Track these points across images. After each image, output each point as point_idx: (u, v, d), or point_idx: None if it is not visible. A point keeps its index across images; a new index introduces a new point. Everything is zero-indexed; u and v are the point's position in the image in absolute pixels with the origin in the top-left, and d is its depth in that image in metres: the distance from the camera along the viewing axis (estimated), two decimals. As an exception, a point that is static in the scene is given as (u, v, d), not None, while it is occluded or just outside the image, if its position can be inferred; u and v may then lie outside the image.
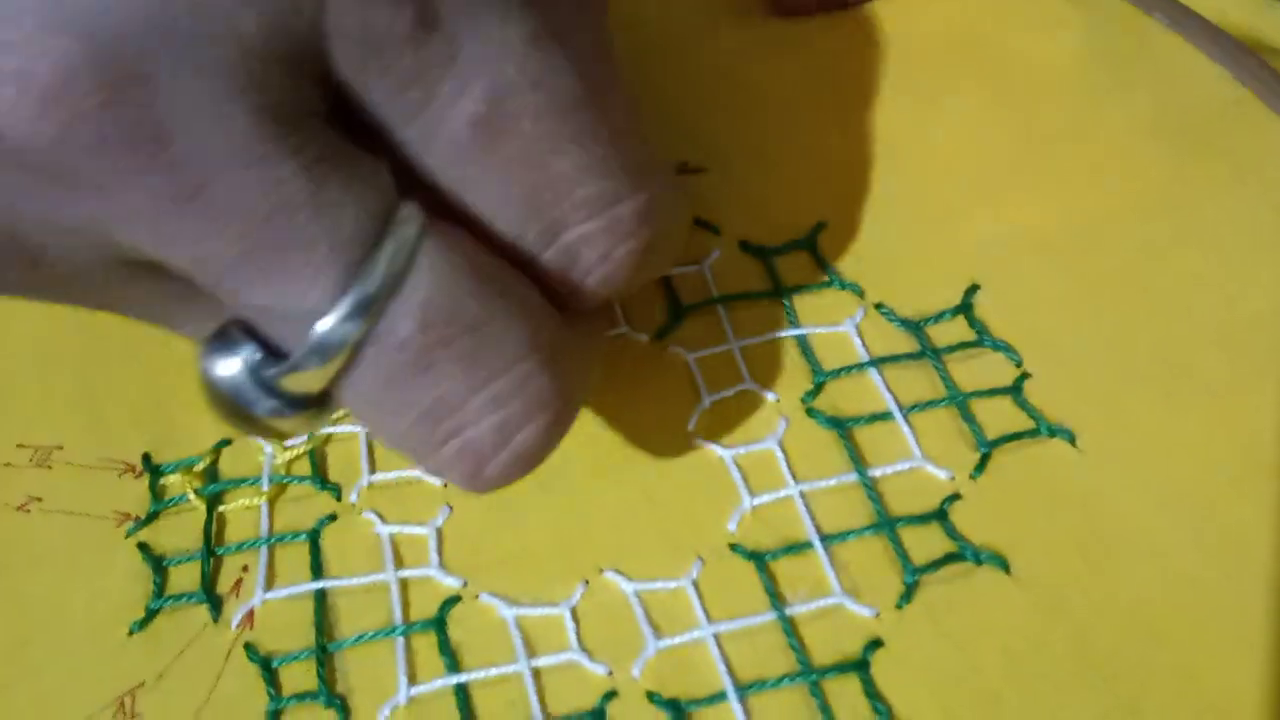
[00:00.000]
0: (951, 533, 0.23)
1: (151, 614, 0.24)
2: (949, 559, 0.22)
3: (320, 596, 0.24)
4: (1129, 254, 0.26)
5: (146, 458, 0.26)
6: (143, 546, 0.25)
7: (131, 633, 0.24)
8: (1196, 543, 0.22)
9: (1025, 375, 0.25)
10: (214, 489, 0.26)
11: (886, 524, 0.23)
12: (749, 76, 0.31)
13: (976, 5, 0.32)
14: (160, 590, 0.24)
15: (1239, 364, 0.24)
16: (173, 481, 0.26)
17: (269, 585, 0.24)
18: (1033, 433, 0.24)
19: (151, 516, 0.25)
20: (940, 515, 0.23)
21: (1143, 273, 0.26)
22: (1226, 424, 0.24)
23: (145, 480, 0.26)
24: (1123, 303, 0.26)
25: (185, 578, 0.25)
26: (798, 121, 0.30)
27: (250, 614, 0.24)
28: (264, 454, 0.26)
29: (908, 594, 0.22)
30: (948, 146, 0.29)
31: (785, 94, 0.30)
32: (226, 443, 0.26)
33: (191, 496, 0.25)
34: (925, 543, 0.23)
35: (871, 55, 0.31)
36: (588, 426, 0.25)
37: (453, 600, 0.23)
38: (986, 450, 0.24)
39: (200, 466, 0.26)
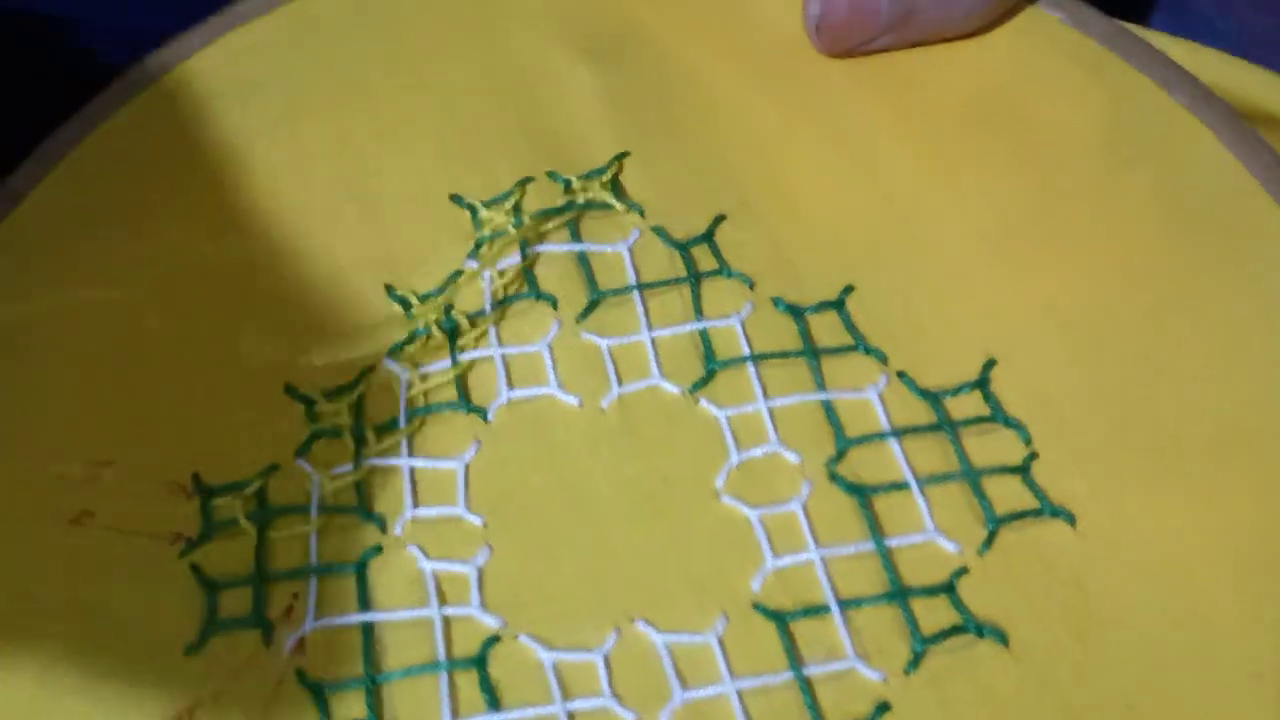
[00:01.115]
0: (958, 605, 0.25)
1: (207, 636, 0.26)
2: (954, 630, 0.24)
3: (368, 628, 0.25)
4: (1135, 336, 0.28)
5: (196, 478, 0.28)
6: (195, 568, 0.26)
7: (187, 652, 0.25)
8: (1173, 625, 0.24)
9: (1034, 455, 0.27)
10: (263, 515, 0.27)
11: (899, 594, 0.25)
12: (786, 130, 0.32)
13: (1005, 66, 0.33)
14: (214, 613, 0.26)
15: (1225, 455, 0.26)
16: (222, 504, 0.27)
17: (319, 614, 0.26)
18: (1036, 512, 0.26)
19: (203, 538, 0.27)
20: (949, 588, 0.25)
21: (1145, 356, 0.28)
22: (1206, 510, 0.26)
23: (196, 501, 0.27)
24: (1125, 382, 0.27)
25: (237, 601, 0.26)
26: (831, 177, 0.31)
27: (301, 641, 0.25)
28: (311, 482, 0.27)
29: (915, 661, 0.24)
30: (973, 211, 0.30)
31: (819, 148, 0.32)
32: (275, 468, 0.28)
33: (242, 521, 0.27)
34: (933, 612, 0.25)
35: (904, 114, 0.32)
36: (622, 474, 0.27)
37: (493, 640, 0.25)
38: (994, 527, 0.26)
39: (249, 491, 0.27)
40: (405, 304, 0.30)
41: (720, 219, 0.30)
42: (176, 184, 0.32)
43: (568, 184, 0.31)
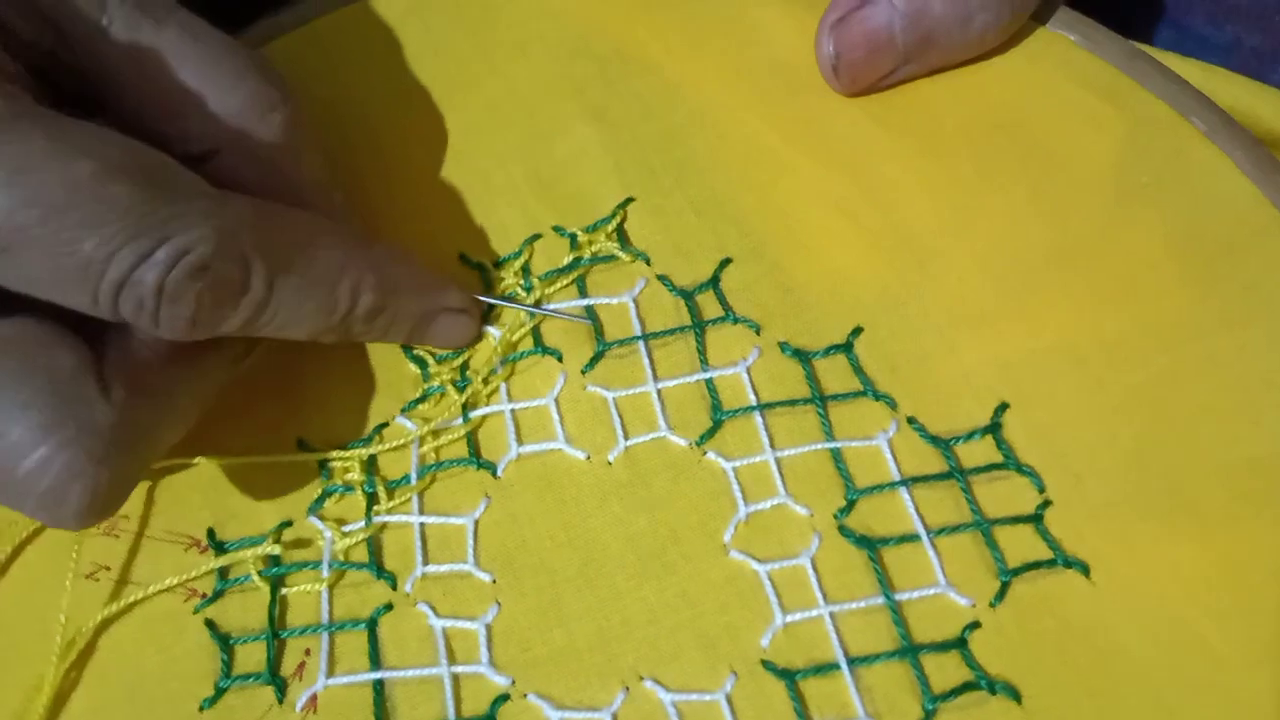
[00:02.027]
0: (970, 662, 0.24)
1: (221, 691, 0.26)
2: (966, 687, 0.24)
3: (379, 685, 0.26)
4: (1148, 379, 0.27)
5: (211, 533, 0.28)
6: (210, 624, 0.27)
7: (203, 708, 0.26)
8: (1186, 682, 0.24)
9: (1047, 503, 0.26)
10: (276, 572, 0.27)
11: (910, 650, 0.25)
12: (792, 163, 0.31)
13: (1019, 94, 0.32)
14: (229, 669, 0.26)
15: (1237, 503, 0.26)
16: (237, 560, 0.27)
17: (331, 671, 0.26)
18: (1050, 563, 0.25)
19: (218, 594, 0.27)
20: (960, 643, 0.25)
21: (1159, 400, 0.27)
22: (1220, 562, 0.25)
23: (211, 556, 0.28)
24: (1139, 429, 0.27)
25: (251, 657, 0.26)
26: (840, 212, 0.30)
27: (314, 698, 0.26)
28: (324, 538, 0.28)
29: (926, 720, 0.24)
30: (986, 248, 0.30)
31: (829, 183, 0.31)
32: (288, 524, 0.28)
33: (255, 578, 0.27)
34: (945, 669, 0.24)
35: (916, 147, 0.31)
36: (631, 529, 0.27)
37: (502, 698, 0.25)
38: (1007, 579, 0.25)
39: (263, 547, 0.27)
40: (422, 364, 0.30)
41: (726, 262, 0.30)
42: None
43: (574, 239, 0.31)
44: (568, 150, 0.32)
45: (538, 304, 0.30)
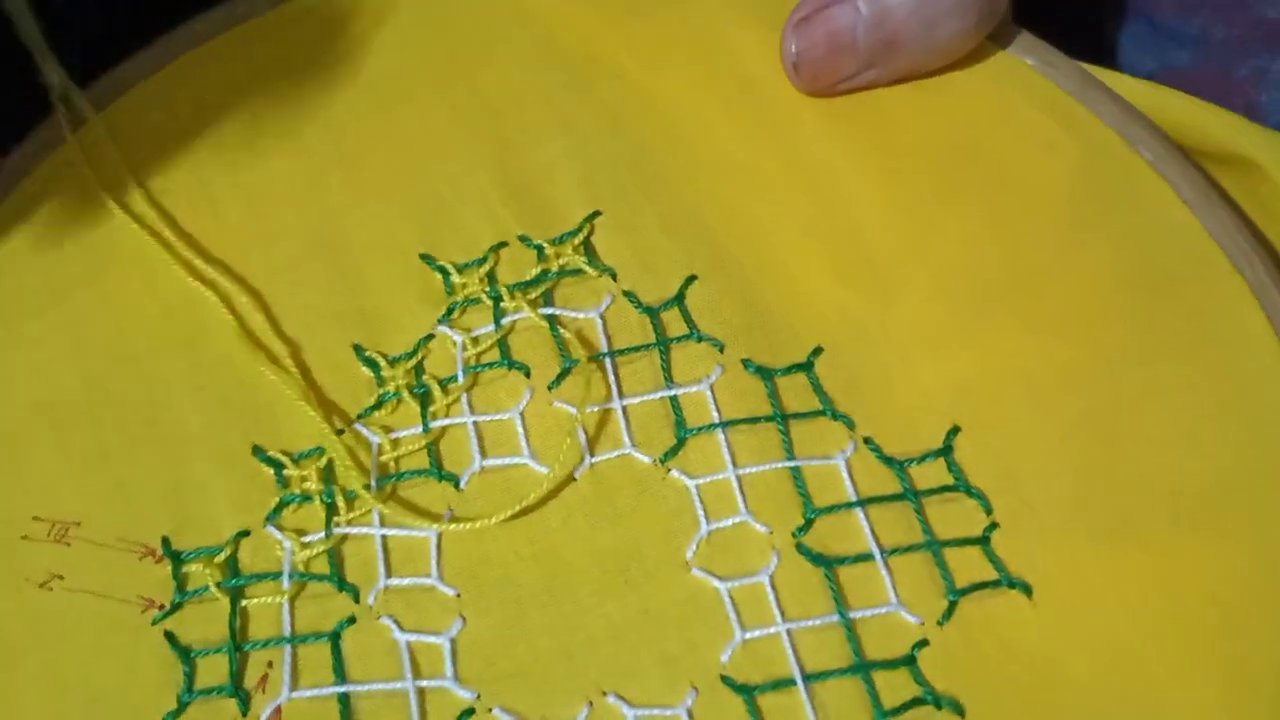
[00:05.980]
0: (918, 678, 0.26)
1: (184, 705, 0.26)
2: (914, 703, 0.25)
3: (344, 699, 0.26)
4: (1095, 406, 0.29)
5: (166, 542, 0.28)
6: (169, 635, 0.27)
7: (165, 722, 0.26)
8: (1124, 702, 0.25)
9: (994, 525, 0.27)
10: (235, 583, 0.27)
11: (862, 667, 0.26)
12: (760, 180, 0.32)
13: (979, 117, 0.33)
14: (190, 682, 0.26)
15: (1177, 529, 0.27)
16: (194, 571, 0.27)
17: (294, 684, 0.26)
18: (995, 583, 0.27)
19: (176, 606, 0.27)
20: (910, 661, 0.26)
21: (1105, 427, 0.28)
22: (1159, 586, 0.26)
23: (166, 565, 0.27)
24: (1085, 455, 0.28)
25: (213, 670, 0.26)
26: (806, 232, 0.31)
27: (278, 710, 0.26)
28: (283, 549, 0.27)
29: (876, 734, 0.25)
30: (942, 270, 0.31)
31: (796, 203, 0.31)
32: (245, 534, 0.28)
33: (213, 589, 0.27)
34: (895, 685, 0.26)
35: (880, 168, 0.32)
36: (594, 545, 0.27)
37: (467, 713, 0.26)
38: (954, 599, 0.26)
39: (221, 557, 0.27)
40: (374, 365, 0.29)
41: (691, 279, 0.30)
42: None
43: (540, 250, 0.31)
44: (536, 162, 0.32)
45: (503, 312, 0.30)
